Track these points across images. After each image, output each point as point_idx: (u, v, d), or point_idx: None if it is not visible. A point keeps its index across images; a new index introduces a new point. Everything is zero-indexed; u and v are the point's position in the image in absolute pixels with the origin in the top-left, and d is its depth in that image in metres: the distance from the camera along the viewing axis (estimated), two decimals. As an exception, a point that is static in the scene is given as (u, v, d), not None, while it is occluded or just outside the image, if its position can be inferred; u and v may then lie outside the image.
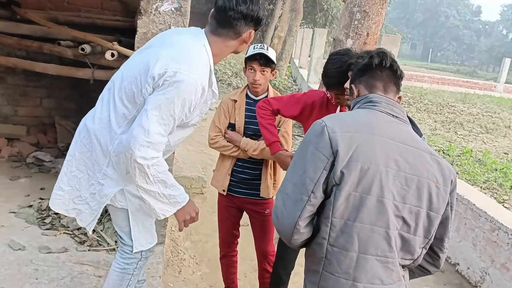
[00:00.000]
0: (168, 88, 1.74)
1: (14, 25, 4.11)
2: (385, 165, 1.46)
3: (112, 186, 1.95)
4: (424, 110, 13.79)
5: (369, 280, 1.48)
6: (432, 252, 1.61)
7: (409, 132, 1.57)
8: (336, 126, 1.48)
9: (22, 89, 4.76)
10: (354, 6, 3.99)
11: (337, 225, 1.47)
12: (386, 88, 1.63)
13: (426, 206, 1.50)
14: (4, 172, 3.96)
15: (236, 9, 1.81)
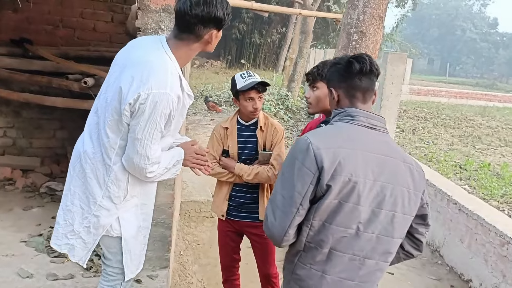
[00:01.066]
0: (146, 111, 1.81)
1: (27, 62, 4.33)
2: (364, 176, 1.60)
3: (108, 216, 2.01)
4: (441, 125, 13.64)
5: (337, 274, 1.67)
6: (415, 239, 1.82)
7: (387, 141, 1.71)
8: (320, 143, 1.61)
9: (36, 122, 4.95)
10: (351, 28, 4.07)
11: (315, 226, 1.64)
12: (365, 97, 1.74)
13: (400, 210, 1.66)
14: (18, 202, 4.11)
15: (191, 13, 1.83)
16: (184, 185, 5.44)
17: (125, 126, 1.89)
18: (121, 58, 2.00)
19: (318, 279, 1.68)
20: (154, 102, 1.80)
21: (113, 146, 1.94)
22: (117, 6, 4.80)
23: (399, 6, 28.01)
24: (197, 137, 8.97)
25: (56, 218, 2.08)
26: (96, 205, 1.99)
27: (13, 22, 4.64)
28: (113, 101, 1.88)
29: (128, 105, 1.82)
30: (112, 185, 1.97)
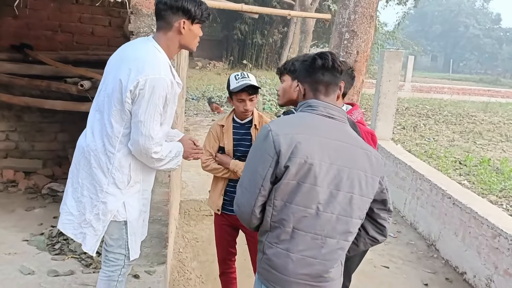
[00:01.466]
0: (146, 94, 2.05)
1: (27, 67, 4.44)
2: (320, 159, 1.76)
3: (115, 201, 2.20)
4: (442, 122, 13.67)
5: (300, 252, 1.81)
6: (378, 224, 1.95)
7: (345, 130, 1.87)
8: (279, 130, 1.80)
9: (37, 126, 5.07)
10: (342, 27, 4.15)
11: (278, 206, 1.80)
12: (328, 90, 1.89)
13: (358, 192, 1.81)
14: (21, 204, 4.22)
15: (162, 1, 2.12)
16: (184, 184, 5.54)
17: (127, 114, 2.11)
18: (115, 59, 2.22)
19: (283, 258, 1.81)
20: (152, 86, 2.05)
21: (117, 135, 2.14)
22: (114, 10, 4.91)
23: (401, 4, 27.99)
24: (198, 137, 9.07)
25: (66, 208, 2.27)
26: (103, 192, 2.18)
27: (13, 28, 4.76)
28: (115, 92, 2.10)
29: (129, 93, 2.05)
30: (116, 172, 2.17)
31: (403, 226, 5.52)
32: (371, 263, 4.41)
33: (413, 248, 4.91)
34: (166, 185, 3.19)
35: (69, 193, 2.28)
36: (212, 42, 25.98)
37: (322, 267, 1.82)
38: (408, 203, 5.69)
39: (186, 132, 8.75)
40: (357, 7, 4.04)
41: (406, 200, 5.74)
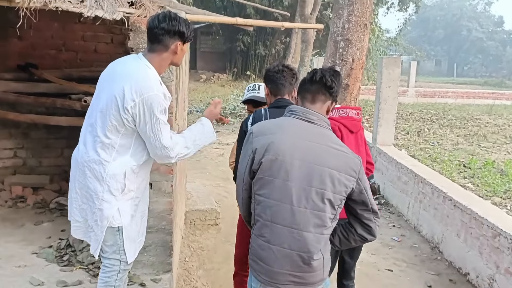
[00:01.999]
0: (146, 113, 2.24)
1: (32, 85, 4.59)
2: (291, 157, 1.96)
3: (110, 208, 2.33)
4: (447, 126, 13.68)
5: (280, 243, 1.99)
6: (364, 224, 2.09)
7: (321, 132, 2.05)
8: (258, 132, 2.07)
9: (44, 142, 5.19)
10: (337, 36, 4.26)
11: (257, 200, 2.03)
12: (314, 99, 2.09)
13: (330, 189, 1.96)
14: (29, 218, 4.33)
15: (159, 26, 2.28)
16: (188, 195, 5.62)
17: (126, 128, 2.27)
18: (107, 74, 2.39)
19: (266, 249, 2.01)
20: (149, 104, 2.23)
21: (114, 145, 2.29)
22: (116, 28, 5.04)
23: (402, 10, 28.14)
24: (203, 149, 9.18)
25: (71, 217, 2.44)
26: (99, 199, 2.31)
27: (19, 48, 4.91)
28: (110, 109, 2.25)
29: (127, 113, 2.23)
30: (111, 179, 2.30)
31: (407, 230, 5.56)
32: (375, 267, 4.46)
33: (417, 251, 4.95)
34: (169, 194, 3.29)
35: (72, 203, 2.44)
36: (215, 55, 26.22)
37: (300, 258, 1.98)
38: (411, 207, 5.74)
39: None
40: (351, 16, 4.14)
41: (409, 204, 5.78)
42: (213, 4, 24.43)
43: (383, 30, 27.69)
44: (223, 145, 9.34)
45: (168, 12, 2.35)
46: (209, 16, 3.44)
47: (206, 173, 7.29)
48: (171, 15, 2.32)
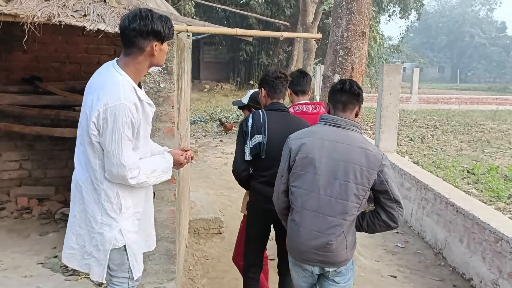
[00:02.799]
0: (109, 124, 2.04)
1: (37, 98, 4.67)
2: (319, 155, 2.38)
3: (111, 230, 2.22)
4: (450, 132, 13.68)
5: (307, 226, 2.40)
6: (387, 212, 2.40)
7: (348, 134, 2.42)
8: (294, 137, 2.52)
9: (49, 153, 5.26)
10: (336, 44, 4.30)
11: (291, 190, 2.46)
12: (345, 108, 2.48)
13: (353, 181, 2.34)
14: (35, 229, 4.39)
15: (130, 27, 2.07)
16: (192, 204, 5.66)
17: (97, 146, 2.11)
18: (86, 88, 2.24)
19: (296, 231, 2.43)
20: (113, 114, 2.03)
21: (95, 167, 2.15)
22: (119, 40, 5.11)
23: (403, 18, 28.23)
24: (207, 158, 9.24)
25: (67, 242, 2.30)
26: (98, 223, 2.20)
27: (24, 62, 5.00)
28: (84, 126, 2.12)
29: (92, 124, 2.05)
30: (106, 203, 2.18)
31: (410, 236, 5.56)
32: (379, 273, 4.46)
33: (421, 257, 4.95)
34: (172, 203, 3.32)
35: (70, 226, 2.31)
36: (218, 65, 26.39)
37: (324, 239, 2.35)
38: (414, 213, 5.75)
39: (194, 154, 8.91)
40: (349, 25, 4.19)
41: (412, 210, 5.79)
42: (216, 14, 24.67)
43: (385, 38, 27.79)
44: (226, 154, 9.39)
45: (138, 10, 2.13)
46: (209, 27, 3.51)
47: (210, 182, 7.32)
48: (141, 14, 2.10)
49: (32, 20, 2.95)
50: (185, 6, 15.66)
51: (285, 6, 21.51)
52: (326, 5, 12.93)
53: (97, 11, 3.09)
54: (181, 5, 15.57)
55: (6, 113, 4.77)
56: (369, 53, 20.28)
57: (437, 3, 64.00)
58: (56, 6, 3.06)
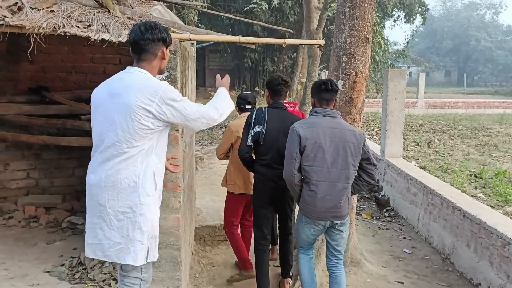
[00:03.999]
0: (170, 103, 2.41)
1: (44, 107, 4.71)
2: (324, 140, 3.20)
3: (149, 210, 2.48)
4: (457, 136, 13.60)
5: (322, 193, 3.21)
6: (368, 172, 3.34)
7: (337, 121, 3.30)
8: (299, 126, 3.27)
9: (56, 162, 5.31)
10: (340, 50, 4.31)
11: (305, 169, 3.22)
12: (328, 102, 3.37)
13: (350, 154, 3.22)
14: (42, 237, 4.41)
15: (143, 37, 2.44)
16: (198, 211, 5.67)
17: (154, 130, 2.43)
18: (105, 95, 2.45)
19: (313, 198, 3.22)
20: (167, 94, 2.40)
21: (142, 151, 2.41)
22: (124, 49, 5.17)
23: (408, 22, 28.20)
24: (212, 165, 9.24)
25: (114, 241, 2.44)
26: (138, 206, 2.43)
27: (30, 72, 5.06)
28: (130, 121, 2.36)
29: (148, 112, 2.36)
30: (144, 181, 2.42)
31: (417, 242, 5.53)
32: (385, 279, 4.44)
33: (428, 262, 4.92)
34: (177, 210, 3.34)
35: (104, 228, 2.44)
36: (224, 72, 25.86)
37: (335, 200, 3.21)
38: (421, 218, 5.72)
39: (200, 161, 8.93)
40: (352, 31, 4.19)
41: (419, 215, 5.76)
42: (221, 22, 24.78)
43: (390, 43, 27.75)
44: (232, 161, 9.37)
45: (148, 23, 2.52)
46: (212, 35, 3.54)
47: (216, 189, 7.31)
48: (151, 25, 2.48)
49: (37, 31, 2.99)
50: (188, 15, 15.75)
51: (289, 13, 21.57)
52: (330, 11, 12.94)
53: (101, 21, 3.13)
54: (185, 14, 15.67)
55: (13, 123, 4.83)
56: (374, 59, 20.28)
57: (442, 7, 63.86)
58: (61, 17, 3.11)
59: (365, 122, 15.43)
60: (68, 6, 3.28)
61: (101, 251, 2.47)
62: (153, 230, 2.52)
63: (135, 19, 3.29)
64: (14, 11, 3.07)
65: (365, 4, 4.18)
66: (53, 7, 3.20)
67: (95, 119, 2.49)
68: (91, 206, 2.49)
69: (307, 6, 13.75)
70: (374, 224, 6.14)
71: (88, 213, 2.52)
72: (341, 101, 4.28)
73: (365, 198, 7.19)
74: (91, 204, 2.49)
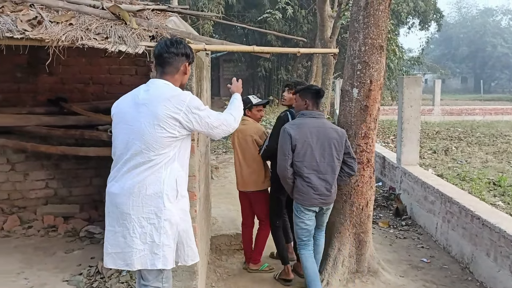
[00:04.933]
0: (195, 111, 2.51)
1: (62, 118, 4.80)
2: (311, 138, 3.72)
3: (172, 215, 2.52)
4: (475, 143, 13.41)
5: (313, 182, 3.73)
6: (348, 165, 3.90)
7: (322, 121, 3.86)
8: (289, 126, 3.78)
9: (74, 172, 5.39)
10: (354, 59, 4.31)
11: (297, 165, 3.73)
12: (318, 105, 3.94)
13: (334, 149, 3.77)
14: (61, 247, 4.47)
15: (168, 50, 2.57)
16: (214, 220, 5.68)
17: (178, 138, 2.52)
18: (130, 105, 2.57)
19: (307, 187, 3.74)
20: (192, 105, 2.51)
21: (166, 158, 2.50)
22: (140, 60, 5.25)
23: (423, 29, 28.04)
24: (228, 175, 9.27)
25: (129, 247, 2.48)
26: (162, 211, 2.48)
27: (49, 84, 5.16)
28: (159, 130, 2.46)
29: (175, 120, 2.46)
30: (167, 187, 2.49)
31: (436, 251, 5.45)
32: (403, 289, 4.38)
33: (447, 272, 4.84)
34: (193, 219, 3.34)
35: (126, 236, 2.48)
36: (238, 81, 26.58)
37: (325, 188, 3.76)
38: (439, 227, 5.64)
39: (215, 170, 8.97)
40: (367, 39, 4.19)
41: (437, 224, 5.69)
42: (235, 31, 24.96)
43: (405, 50, 27.60)
44: (247, 170, 9.38)
45: (173, 38, 2.68)
46: (226, 45, 3.57)
47: (231, 198, 7.33)
48: (176, 40, 2.64)
49: (57, 43, 3.06)
50: (204, 26, 15.91)
51: (303, 22, 21.63)
52: (344, 20, 12.95)
53: (118, 33, 3.18)
54: (199, 25, 15.84)
55: (33, 134, 4.92)
56: (389, 66, 20.18)
57: (458, 14, 63.38)
58: (79, 29, 3.17)
59: (380, 130, 15.33)
60: (86, 19, 3.35)
61: (122, 259, 2.50)
62: (179, 235, 2.59)
63: (151, 31, 3.34)
64: (34, 24, 3.14)
65: (379, 12, 4.18)
66: (71, 20, 3.28)
67: (118, 128, 2.59)
68: (113, 214, 2.53)
69: (321, 15, 13.79)
70: (391, 233, 6.07)
71: (108, 222, 2.55)
72: (356, 109, 4.27)
73: (382, 206, 7.13)
74: (114, 213, 2.52)
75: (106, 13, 3.42)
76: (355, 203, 4.37)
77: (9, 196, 5.29)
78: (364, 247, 4.45)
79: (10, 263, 4.12)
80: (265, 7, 19.80)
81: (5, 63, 5.01)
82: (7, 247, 4.54)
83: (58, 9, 3.48)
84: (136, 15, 3.62)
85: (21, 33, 3.02)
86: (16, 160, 5.26)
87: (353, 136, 4.30)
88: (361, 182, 4.36)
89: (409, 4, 22.96)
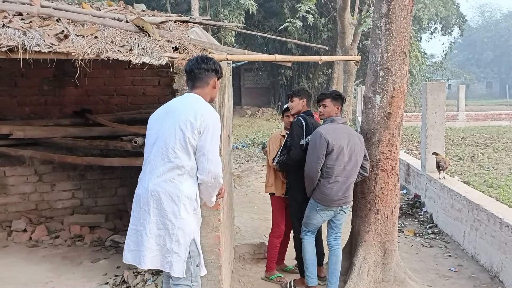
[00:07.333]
0: (210, 129, 2.59)
1: (87, 129, 4.89)
2: (343, 144, 3.89)
3: (189, 225, 2.63)
4: (502, 149, 13.10)
5: (339, 186, 3.90)
6: (364, 168, 4.09)
7: (347, 127, 4.09)
8: (325, 132, 3.90)
9: (99, 183, 5.48)
10: (376, 65, 4.28)
11: (327, 167, 3.89)
12: (341, 111, 4.21)
13: (359, 155, 3.98)
14: (87, 256, 4.54)
15: (199, 66, 2.74)
16: (237, 229, 5.68)
17: (191, 150, 2.58)
18: (162, 114, 2.72)
19: (329, 189, 3.90)
20: (213, 120, 2.62)
21: (187, 168, 2.60)
22: (163, 71, 5.32)
23: (446, 34, 27.71)
24: (250, 183, 9.27)
25: (144, 246, 2.59)
26: (177, 219, 2.58)
27: (75, 96, 5.28)
28: (178, 131, 2.56)
29: (196, 131, 2.56)
30: (185, 198, 2.60)
31: (464, 260, 5.33)
32: (431, 299, 4.29)
33: (476, 281, 4.72)
34: (217, 228, 3.37)
35: (143, 236, 2.59)
36: (259, 90, 26.70)
37: (346, 190, 3.95)
38: (467, 235, 5.52)
39: (237, 179, 8.98)
40: (389, 46, 4.16)
41: (465, 232, 5.56)
42: (255, 41, 25.10)
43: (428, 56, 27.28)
44: (270, 179, 9.36)
45: (204, 55, 2.87)
46: (248, 55, 3.59)
47: (254, 207, 7.33)
48: (206, 57, 2.81)
49: (83, 56, 3.13)
50: (225, 36, 16.07)
51: (323, 30, 21.64)
52: (365, 27, 12.90)
53: (142, 45, 3.24)
54: (221, 35, 16.00)
55: (59, 145, 5.03)
56: (411, 72, 19.98)
57: (481, 18, 62.28)
58: (105, 42, 3.24)
59: (404, 137, 15.13)
60: (110, 32, 3.43)
61: (138, 257, 2.62)
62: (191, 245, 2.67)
63: (174, 42, 3.39)
64: (61, 38, 3.23)
65: (401, 19, 4.15)
66: (96, 34, 3.35)
67: (148, 134, 2.73)
68: (137, 213, 2.65)
69: (341, 22, 13.76)
70: (417, 241, 5.96)
71: (132, 221, 2.68)
72: (379, 116, 4.23)
73: (407, 214, 7.02)
74: (138, 211, 2.65)
75: (130, 25, 3.49)
76: (380, 211, 4.31)
77: (37, 207, 5.41)
78: (390, 255, 4.38)
79: (39, 273, 4.20)
80: (285, 16, 19.88)
81: (33, 77, 5.15)
82: (36, 256, 4.63)
83: (84, 23, 3.57)
84: (159, 27, 3.68)
85: (49, 47, 3.11)
86: (44, 171, 5.38)
87: (376, 144, 4.26)
88: (385, 189, 4.31)
89: (430, 10, 22.73)
